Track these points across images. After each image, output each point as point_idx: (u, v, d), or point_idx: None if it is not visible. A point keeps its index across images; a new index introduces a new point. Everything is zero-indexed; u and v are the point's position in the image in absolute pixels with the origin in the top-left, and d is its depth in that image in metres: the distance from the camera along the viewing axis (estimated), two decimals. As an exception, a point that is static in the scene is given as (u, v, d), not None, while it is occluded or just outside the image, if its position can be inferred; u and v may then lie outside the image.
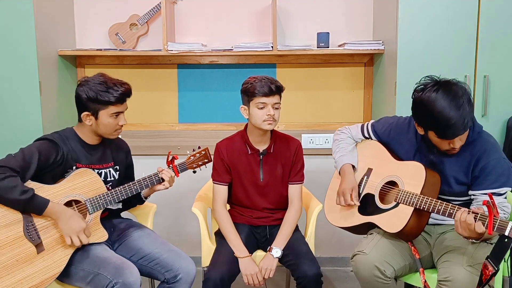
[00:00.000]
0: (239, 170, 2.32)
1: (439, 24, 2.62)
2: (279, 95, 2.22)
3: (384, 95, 2.92)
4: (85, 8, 3.13)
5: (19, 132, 2.67)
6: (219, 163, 2.33)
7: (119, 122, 2.10)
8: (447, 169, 2.03)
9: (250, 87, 2.19)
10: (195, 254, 2.42)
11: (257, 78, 2.20)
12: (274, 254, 2.20)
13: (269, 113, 2.18)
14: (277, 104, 2.21)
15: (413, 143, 2.13)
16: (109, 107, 2.05)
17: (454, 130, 1.86)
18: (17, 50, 2.64)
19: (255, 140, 2.31)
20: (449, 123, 1.84)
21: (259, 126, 2.22)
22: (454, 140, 1.91)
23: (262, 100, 2.17)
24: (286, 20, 3.13)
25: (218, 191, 2.34)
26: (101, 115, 2.06)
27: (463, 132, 1.89)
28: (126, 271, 1.92)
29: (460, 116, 1.84)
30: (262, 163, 2.32)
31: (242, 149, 2.32)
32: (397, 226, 2.00)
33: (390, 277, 1.97)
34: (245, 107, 2.25)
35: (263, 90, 2.16)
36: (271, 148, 2.32)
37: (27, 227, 1.92)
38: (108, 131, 2.11)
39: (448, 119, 1.84)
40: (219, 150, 2.33)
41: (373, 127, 2.31)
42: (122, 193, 2.13)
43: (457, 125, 1.84)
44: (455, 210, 1.84)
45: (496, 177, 1.95)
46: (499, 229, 1.70)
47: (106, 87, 2.04)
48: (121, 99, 2.07)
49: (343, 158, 2.29)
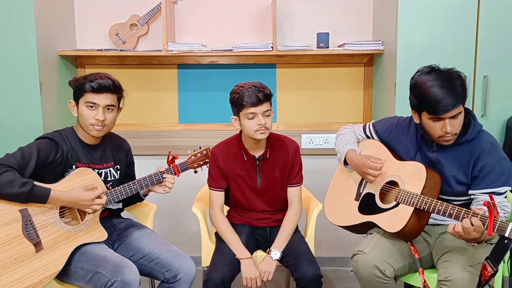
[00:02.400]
0: (236, 176, 2.30)
1: (439, 24, 2.62)
2: (268, 102, 2.16)
3: (384, 95, 2.92)
4: (85, 8, 3.14)
5: (19, 132, 2.67)
6: (215, 169, 2.30)
7: (96, 115, 2.06)
8: (447, 168, 2.03)
9: (238, 97, 2.13)
10: (195, 254, 2.42)
11: (244, 87, 2.13)
12: (273, 256, 2.20)
13: (260, 122, 2.12)
14: (267, 112, 2.15)
15: (413, 143, 2.13)
16: (85, 95, 2.06)
17: (444, 103, 1.87)
18: (17, 50, 2.64)
19: (251, 147, 2.28)
20: (439, 97, 1.87)
21: (252, 137, 2.18)
22: (445, 122, 1.91)
23: (251, 110, 2.11)
24: (286, 20, 3.13)
25: (214, 197, 2.31)
26: (79, 104, 2.08)
27: (453, 107, 1.88)
28: (125, 270, 1.92)
29: (450, 91, 1.88)
30: (259, 169, 2.30)
31: (238, 155, 2.29)
32: (397, 225, 2.00)
33: (390, 276, 1.97)
34: (236, 118, 2.21)
35: (251, 101, 2.10)
36: (267, 153, 2.29)
37: (26, 226, 1.92)
38: (84, 123, 2.08)
39: (438, 93, 1.88)
40: (214, 156, 2.29)
41: (374, 126, 2.31)
42: (122, 193, 2.13)
43: (447, 99, 1.87)
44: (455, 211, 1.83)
45: (495, 177, 1.95)
46: (499, 230, 1.69)
47: (89, 76, 2.08)
48: (95, 89, 2.04)
49: (346, 146, 2.28)
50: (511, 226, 1.68)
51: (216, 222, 2.30)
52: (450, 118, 1.91)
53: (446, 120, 1.91)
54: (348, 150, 2.26)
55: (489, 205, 1.71)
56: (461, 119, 1.94)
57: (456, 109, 1.90)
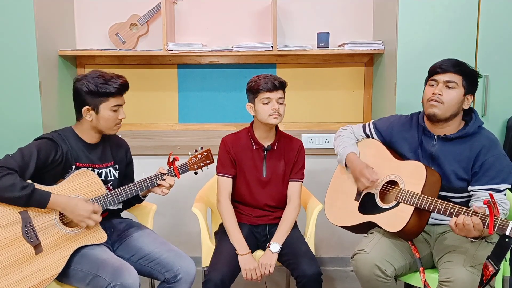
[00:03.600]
0: (243, 165, 2.36)
1: (439, 24, 2.62)
2: (282, 90, 2.29)
3: (384, 95, 2.92)
4: (85, 8, 3.14)
5: (19, 132, 2.67)
6: (225, 156, 2.37)
7: (119, 115, 2.11)
8: (447, 163, 2.05)
9: (254, 84, 2.27)
10: (195, 254, 2.42)
11: (260, 76, 2.28)
12: (273, 249, 2.22)
13: (274, 107, 2.24)
14: (281, 99, 2.27)
15: (415, 138, 2.16)
16: (110, 99, 2.06)
17: (444, 63, 2.05)
18: (17, 50, 2.64)
19: (261, 136, 2.36)
20: (441, 61, 2.07)
21: (266, 121, 2.27)
22: (438, 84, 2.04)
23: (266, 95, 2.24)
24: (286, 20, 3.13)
25: (222, 183, 2.36)
26: (101, 108, 2.06)
27: (452, 70, 2.03)
28: (124, 273, 1.92)
29: (454, 61, 2.05)
30: (266, 159, 2.36)
31: (247, 144, 2.37)
32: (397, 225, 2.00)
33: (390, 276, 1.98)
34: (251, 105, 2.31)
35: (267, 86, 2.23)
36: (275, 144, 2.37)
37: (26, 228, 1.91)
38: (109, 125, 2.11)
39: (443, 60, 2.08)
40: (225, 143, 2.38)
41: (375, 125, 2.32)
42: (122, 195, 2.12)
43: (447, 62, 2.04)
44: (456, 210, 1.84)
45: (495, 173, 1.97)
46: (500, 229, 1.70)
47: (105, 79, 2.05)
48: (120, 90, 2.08)
49: (346, 149, 2.31)
50: (511, 224, 1.68)
51: (223, 208, 2.33)
52: (445, 84, 2.02)
53: (440, 84, 2.03)
54: (348, 153, 2.28)
55: (489, 204, 1.72)
56: (455, 94, 2.02)
57: (453, 75, 2.02)
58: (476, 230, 1.77)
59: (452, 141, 2.06)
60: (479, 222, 1.75)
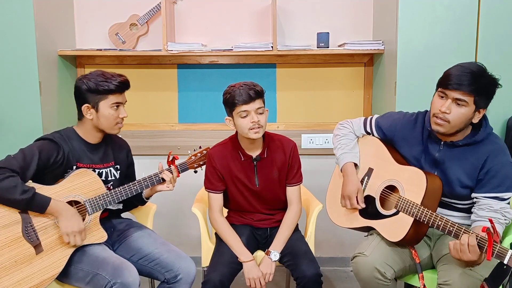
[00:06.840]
0: (233, 177, 2.27)
1: (439, 24, 2.61)
2: (261, 99, 2.13)
3: (384, 95, 2.92)
4: (85, 8, 3.14)
5: (19, 132, 2.67)
6: (211, 171, 2.27)
7: (120, 114, 2.11)
8: (452, 170, 1.99)
9: (229, 97, 2.11)
10: (195, 254, 2.42)
11: (235, 86, 2.12)
12: (273, 258, 2.20)
13: (253, 120, 2.10)
14: (260, 109, 2.13)
15: (419, 141, 2.09)
16: (109, 96, 2.06)
17: (459, 79, 1.86)
18: (17, 50, 2.64)
19: (248, 147, 2.25)
20: (456, 73, 1.88)
21: (247, 136, 2.15)
22: (447, 101, 1.88)
23: (243, 108, 2.09)
24: (286, 20, 3.13)
25: (212, 199, 2.29)
26: (101, 106, 2.06)
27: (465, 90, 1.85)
28: (124, 271, 1.92)
29: (470, 75, 1.86)
30: (257, 169, 2.27)
31: (235, 156, 2.26)
32: (397, 235, 1.98)
33: (390, 278, 1.96)
34: (230, 118, 2.18)
35: (242, 98, 2.08)
36: (265, 153, 2.26)
37: (26, 228, 1.92)
38: (110, 124, 2.10)
39: (458, 70, 1.89)
40: (211, 158, 2.27)
41: (377, 122, 2.25)
42: (122, 194, 2.12)
43: (464, 78, 1.85)
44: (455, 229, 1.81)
45: (500, 181, 1.91)
46: (498, 256, 1.65)
47: (105, 77, 2.06)
48: (120, 88, 2.08)
49: (345, 156, 2.24)
50: (510, 253, 1.63)
51: (216, 224, 2.29)
52: (454, 101, 1.88)
53: (449, 100, 1.89)
54: (346, 163, 2.22)
55: (488, 231, 1.66)
56: (463, 112, 1.89)
57: (465, 95, 1.86)
58: (471, 253, 1.72)
59: (459, 147, 1.99)
60: (475, 244, 1.70)
